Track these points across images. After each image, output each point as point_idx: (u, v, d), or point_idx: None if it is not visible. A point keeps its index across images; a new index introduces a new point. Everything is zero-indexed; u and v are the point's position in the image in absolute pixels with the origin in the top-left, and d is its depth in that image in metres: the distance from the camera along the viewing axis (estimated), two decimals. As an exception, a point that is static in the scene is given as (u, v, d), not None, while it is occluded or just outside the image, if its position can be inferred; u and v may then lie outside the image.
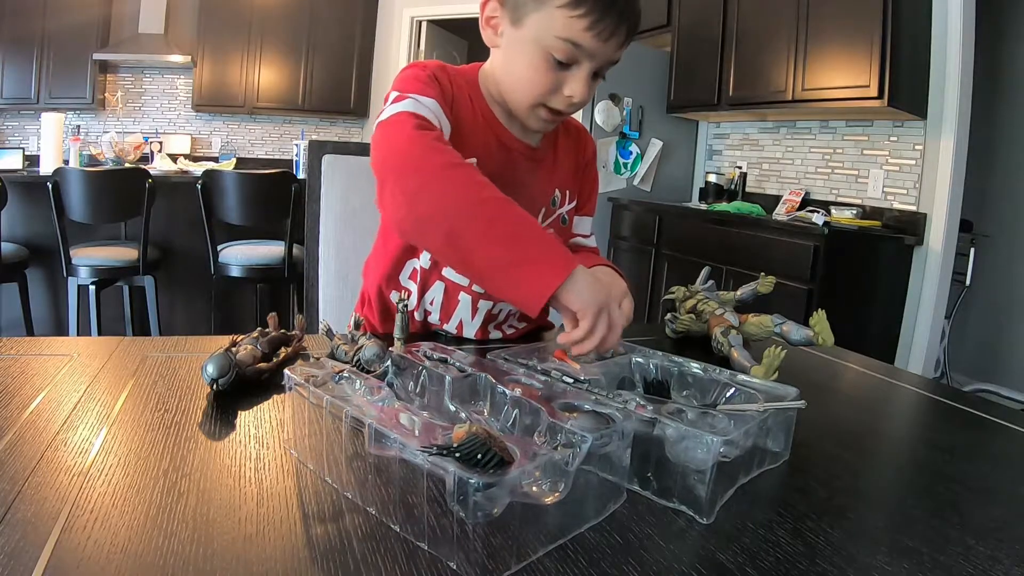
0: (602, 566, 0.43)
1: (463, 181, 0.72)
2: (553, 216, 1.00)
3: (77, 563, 0.39)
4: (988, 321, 3.53)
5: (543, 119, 0.87)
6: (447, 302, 0.95)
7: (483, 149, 0.90)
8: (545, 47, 0.79)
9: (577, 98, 0.83)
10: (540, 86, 0.82)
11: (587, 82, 0.82)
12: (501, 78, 0.89)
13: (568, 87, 0.82)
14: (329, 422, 0.51)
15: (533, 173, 0.96)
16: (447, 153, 0.74)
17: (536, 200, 0.96)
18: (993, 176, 3.49)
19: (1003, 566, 0.46)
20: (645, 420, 0.52)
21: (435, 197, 0.71)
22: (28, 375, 0.70)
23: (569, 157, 1.02)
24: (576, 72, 0.81)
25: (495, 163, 0.91)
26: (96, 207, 2.78)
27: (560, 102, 0.84)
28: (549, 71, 0.81)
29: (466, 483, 0.38)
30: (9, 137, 5.19)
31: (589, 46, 0.78)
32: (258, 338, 0.76)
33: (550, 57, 0.80)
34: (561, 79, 0.82)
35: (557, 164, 1.00)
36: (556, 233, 1.00)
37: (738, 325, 0.92)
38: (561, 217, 1.01)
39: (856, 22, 2.75)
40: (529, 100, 0.85)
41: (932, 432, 0.78)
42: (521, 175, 0.94)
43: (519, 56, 0.83)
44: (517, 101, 0.87)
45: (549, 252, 0.68)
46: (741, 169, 3.73)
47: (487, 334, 0.99)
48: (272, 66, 5.44)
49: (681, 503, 0.51)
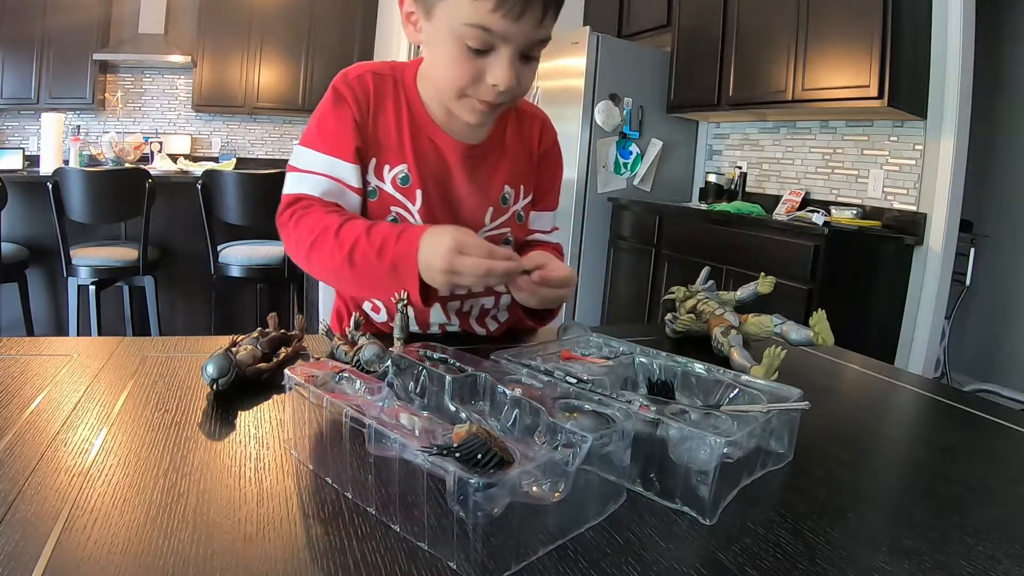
0: (602, 566, 0.43)
1: (321, 257, 0.82)
2: (507, 215, 0.97)
3: (77, 563, 0.39)
4: (988, 321, 3.53)
5: (478, 111, 0.82)
6: (419, 314, 0.96)
7: (416, 154, 0.89)
8: (458, 36, 0.75)
9: (502, 85, 0.77)
10: (460, 77, 0.78)
11: (510, 67, 0.76)
12: (428, 74, 0.88)
13: (491, 75, 0.77)
14: (329, 422, 0.51)
15: (476, 171, 0.93)
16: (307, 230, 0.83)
17: (483, 200, 0.94)
18: (993, 176, 3.49)
19: (1003, 566, 0.46)
20: (648, 420, 0.52)
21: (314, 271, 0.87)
22: (28, 375, 0.70)
23: (521, 149, 0.98)
24: (496, 58, 0.76)
25: (430, 167, 0.90)
26: (96, 207, 2.78)
27: (486, 92, 0.79)
28: (467, 60, 0.77)
29: (466, 483, 0.38)
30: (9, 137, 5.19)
31: (500, 29, 0.74)
32: (258, 338, 0.76)
33: (464, 46, 0.75)
34: (482, 67, 0.77)
35: (506, 158, 0.96)
36: (513, 232, 0.98)
37: (738, 325, 0.92)
38: (516, 215, 0.99)
39: (856, 22, 2.75)
40: (453, 93, 0.81)
41: (932, 432, 0.78)
42: (461, 177, 0.92)
43: (437, 49, 0.80)
44: (445, 95, 0.84)
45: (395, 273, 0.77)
46: (741, 169, 3.73)
47: (471, 328, 1.00)
48: (272, 66, 5.44)
49: (684, 504, 0.51)
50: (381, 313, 0.98)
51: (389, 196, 0.91)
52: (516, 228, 0.99)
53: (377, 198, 0.91)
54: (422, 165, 0.90)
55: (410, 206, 0.92)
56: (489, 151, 0.94)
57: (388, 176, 0.90)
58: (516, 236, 1.00)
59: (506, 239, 0.99)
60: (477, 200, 0.94)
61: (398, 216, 0.92)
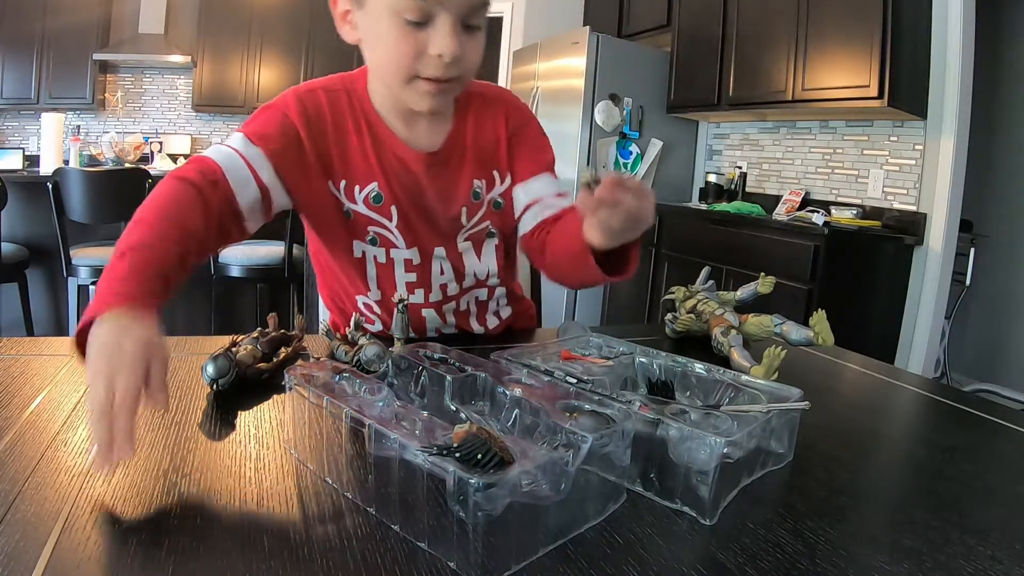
0: (602, 566, 0.43)
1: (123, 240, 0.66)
2: (482, 209, 0.94)
3: (77, 563, 0.39)
4: (988, 321, 3.53)
5: (427, 93, 0.79)
6: (415, 321, 0.95)
7: (377, 169, 0.88)
8: (395, 11, 0.73)
9: (447, 54, 0.74)
10: (403, 55, 0.75)
11: (452, 34, 0.74)
12: (373, 69, 0.85)
13: (433, 46, 0.74)
14: (329, 422, 0.51)
15: (439, 178, 0.91)
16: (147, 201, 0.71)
17: (451, 202, 0.92)
18: (993, 176, 3.49)
19: (1003, 566, 0.46)
20: (649, 421, 0.52)
21: None
22: (28, 375, 0.70)
23: (486, 138, 0.94)
24: (436, 27, 0.74)
25: (400, 181, 0.89)
26: (96, 207, 2.77)
27: (432, 66, 0.76)
28: (408, 35, 0.74)
29: (466, 483, 0.38)
30: (9, 137, 5.18)
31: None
32: (258, 338, 0.76)
33: (402, 20, 0.73)
34: (422, 40, 0.74)
35: (467, 157, 0.93)
36: (495, 222, 0.96)
37: (738, 325, 0.92)
38: (492, 203, 0.95)
39: (856, 22, 2.75)
40: (400, 74, 0.78)
41: (932, 432, 0.78)
42: (430, 186, 0.90)
43: (375, 34, 0.77)
44: (392, 82, 0.80)
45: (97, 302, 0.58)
46: (741, 169, 3.73)
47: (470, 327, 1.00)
48: (272, 66, 5.43)
49: (684, 504, 0.51)
50: (376, 324, 0.98)
51: (364, 216, 0.89)
52: (496, 217, 0.96)
53: (352, 219, 0.89)
54: (392, 181, 0.88)
55: (387, 223, 0.90)
56: (450, 153, 0.91)
57: (360, 197, 0.88)
58: (501, 225, 0.97)
59: (489, 232, 0.96)
60: (448, 204, 0.92)
61: (376, 236, 0.91)
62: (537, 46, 4.01)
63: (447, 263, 0.94)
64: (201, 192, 0.75)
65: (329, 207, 0.89)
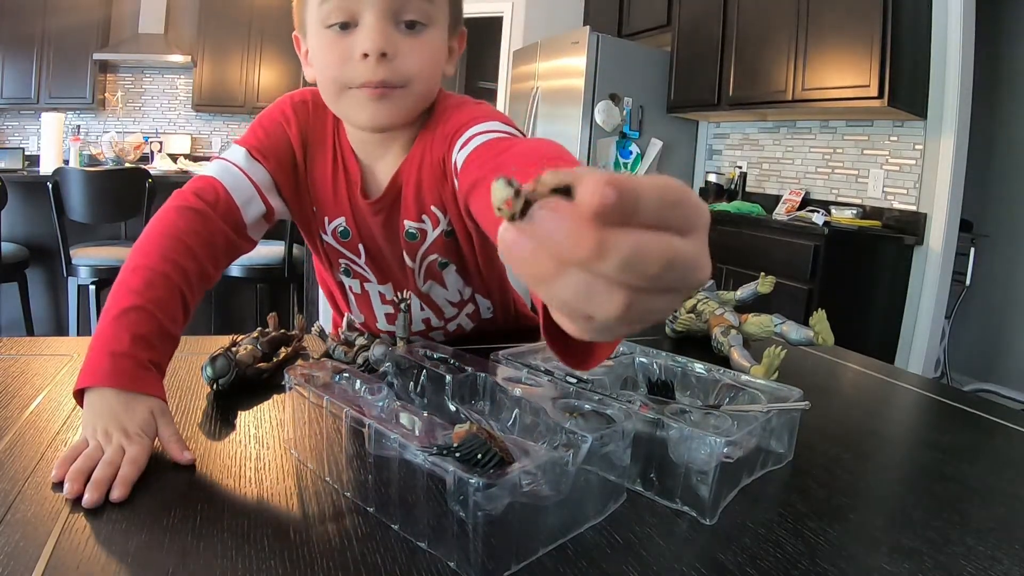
0: (602, 566, 0.43)
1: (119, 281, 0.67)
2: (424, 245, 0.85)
3: (77, 563, 0.39)
4: (988, 321, 3.53)
5: (366, 101, 0.72)
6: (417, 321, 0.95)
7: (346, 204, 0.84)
8: (321, 20, 0.71)
9: (371, 51, 0.69)
10: (330, 63, 0.72)
11: (376, 30, 0.69)
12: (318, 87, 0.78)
13: (358, 45, 0.70)
14: (329, 422, 0.51)
15: (387, 224, 0.85)
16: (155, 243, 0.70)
17: (392, 245, 0.86)
18: (993, 176, 3.49)
19: (1003, 566, 0.46)
20: (649, 420, 0.52)
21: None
22: (28, 375, 0.70)
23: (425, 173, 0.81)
24: (361, 26, 0.70)
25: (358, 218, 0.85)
26: (96, 207, 2.77)
27: (364, 69, 0.70)
28: (334, 42, 0.71)
29: (466, 483, 0.38)
30: (9, 137, 5.19)
31: None
32: (258, 338, 0.76)
33: (329, 30, 0.71)
34: (351, 43, 0.70)
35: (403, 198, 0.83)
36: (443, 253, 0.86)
37: (738, 325, 0.92)
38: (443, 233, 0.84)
39: (856, 22, 2.76)
40: (333, 87, 0.73)
41: (932, 432, 0.78)
42: (379, 230, 0.85)
43: (315, 53, 0.74)
44: (330, 94, 0.75)
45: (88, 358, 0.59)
46: (741, 169, 3.73)
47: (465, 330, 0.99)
48: (272, 66, 5.44)
49: (684, 504, 0.51)
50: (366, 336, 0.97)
51: (335, 250, 0.88)
52: (446, 247, 0.86)
53: (325, 247, 0.88)
54: (358, 218, 0.84)
55: (356, 259, 0.88)
56: (390, 197, 0.83)
57: (329, 228, 0.86)
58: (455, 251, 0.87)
59: (441, 262, 0.88)
60: (392, 247, 0.87)
61: (349, 268, 0.89)
62: (537, 46, 4.01)
63: (422, 301, 0.93)
64: (205, 220, 0.73)
65: (312, 230, 0.88)
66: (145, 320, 0.62)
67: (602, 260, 0.23)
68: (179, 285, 0.67)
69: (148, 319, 0.62)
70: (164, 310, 0.64)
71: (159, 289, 0.65)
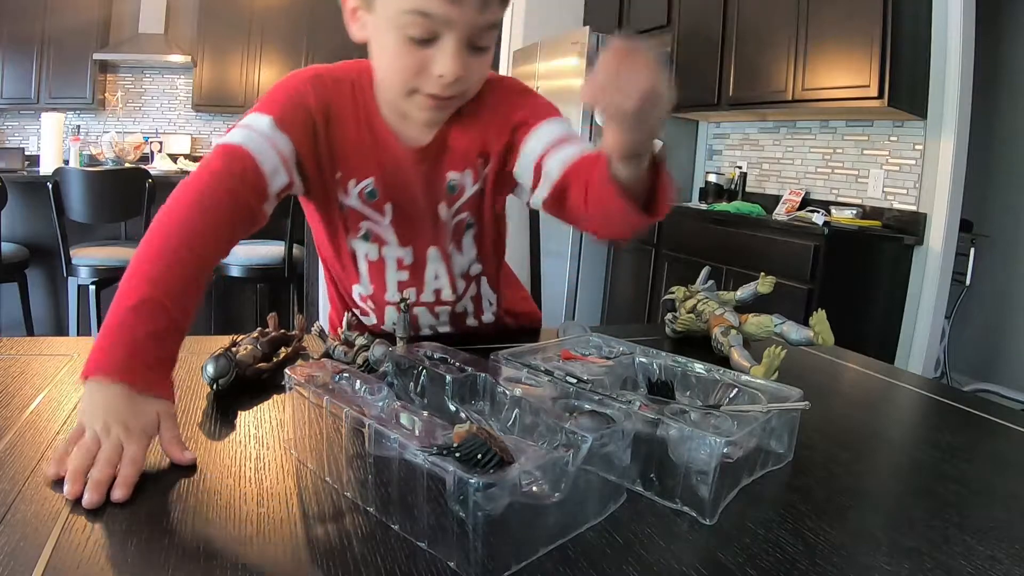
0: (602, 566, 0.43)
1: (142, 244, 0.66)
2: (460, 200, 0.90)
3: (77, 563, 0.39)
4: (988, 321, 3.53)
5: (427, 107, 0.78)
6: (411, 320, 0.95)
7: (374, 164, 0.86)
8: (399, 26, 0.71)
9: (449, 75, 0.73)
10: (404, 70, 0.74)
11: (456, 56, 0.72)
12: (375, 71, 0.82)
13: (436, 65, 0.73)
14: (329, 422, 0.51)
15: (432, 173, 0.89)
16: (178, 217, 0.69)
17: (433, 198, 0.90)
18: (993, 176, 3.49)
19: (1003, 566, 0.46)
20: (649, 421, 0.52)
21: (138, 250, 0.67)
22: (28, 375, 0.70)
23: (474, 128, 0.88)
24: (440, 47, 0.72)
25: (393, 177, 0.87)
26: (96, 207, 2.77)
27: (433, 84, 0.75)
28: (410, 52, 0.73)
29: (466, 483, 0.38)
30: (9, 137, 5.18)
31: (440, 13, 0.69)
32: (258, 338, 0.76)
33: (405, 36, 0.72)
34: (427, 58, 0.73)
35: (449, 151, 0.88)
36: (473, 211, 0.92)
37: (738, 325, 0.92)
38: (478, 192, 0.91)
39: (856, 22, 2.75)
40: (400, 88, 0.77)
41: (932, 432, 0.78)
42: (418, 183, 0.89)
43: (380, 43, 0.76)
44: (392, 93, 0.80)
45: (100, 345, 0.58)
46: (741, 169, 3.73)
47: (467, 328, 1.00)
48: (272, 66, 5.43)
49: (684, 504, 0.51)
50: (370, 316, 0.98)
51: (356, 212, 0.88)
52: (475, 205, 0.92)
53: (345, 212, 0.89)
54: (387, 177, 0.87)
55: (380, 220, 0.89)
56: (437, 147, 0.88)
57: (354, 191, 0.87)
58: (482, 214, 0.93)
59: (468, 223, 0.93)
60: (429, 200, 0.90)
61: (369, 232, 0.90)
62: (537, 46, 4.01)
63: (442, 266, 0.94)
64: (233, 194, 0.73)
65: (329, 198, 0.89)
66: (161, 315, 0.61)
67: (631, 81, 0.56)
68: (195, 274, 0.66)
69: (163, 314, 0.61)
70: (178, 304, 0.63)
71: (176, 280, 0.64)
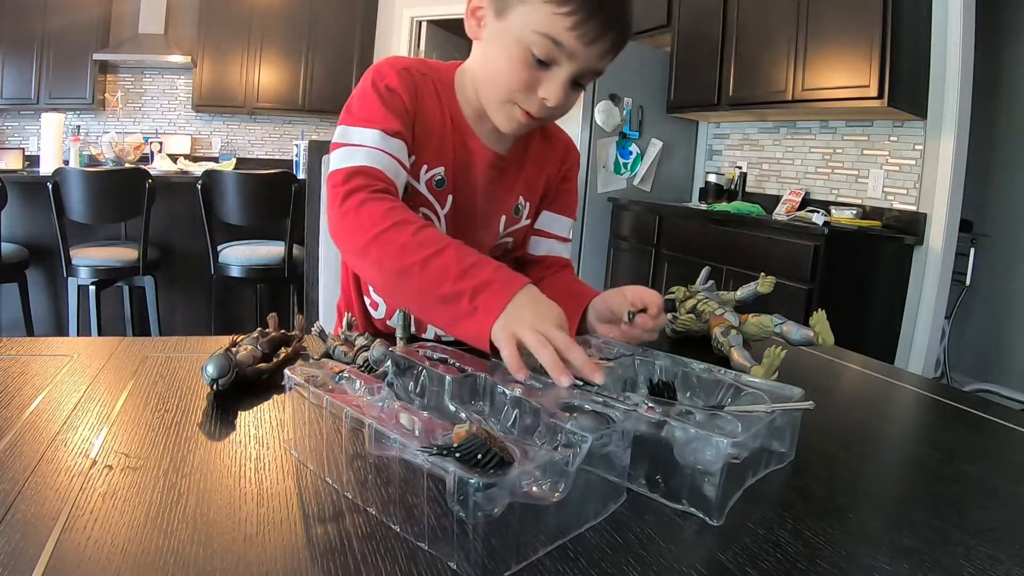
0: (602, 566, 0.43)
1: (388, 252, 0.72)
2: (517, 224, 0.99)
3: (77, 563, 0.39)
4: (988, 321, 3.53)
5: (516, 120, 0.83)
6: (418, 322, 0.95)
7: (450, 155, 0.89)
8: (525, 42, 0.76)
9: (552, 101, 0.79)
10: (515, 82, 0.79)
11: (564, 86, 0.78)
12: (478, 72, 0.86)
13: (544, 88, 0.78)
14: (329, 422, 0.51)
15: (497, 181, 0.94)
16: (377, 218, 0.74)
17: (498, 209, 0.95)
18: (993, 176, 3.49)
19: (1003, 566, 0.46)
20: (653, 422, 0.52)
21: (366, 262, 0.74)
22: (28, 375, 0.70)
23: (542, 165, 0.99)
24: (554, 74, 0.77)
25: (460, 169, 0.91)
26: (96, 207, 2.78)
27: (533, 104, 0.80)
28: (526, 68, 0.77)
29: (466, 483, 0.38)
30: (9, 137, 5.19)
31: (570, 46, 0.75)
32: (258, 338, 0.76)
33: (529, 53, 0.76)
34: (537, 78, 0.78)
35: (523, 172, 0.97)
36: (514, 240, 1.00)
37: (738, 325, 0.92)
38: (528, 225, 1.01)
39: (856, 22, 2.76)
40: (502, 96, 0.81)
41: (932, 432, 0.78)
42: (484, 182, 0.93)
43: (498, 49, 0.79)
44: (490, 96, 0.84)
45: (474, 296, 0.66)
46: (741, 169, 3.73)
47: None
48: (272, 66, 5.43)
49: (690, 505, 0.51)
50: (380, 309, 0.98)
51: (421, 196, 0.91)
52: (516, 237, 1.01)
53: (409, 194, 0.90)
54: (458, 170, 0.91)
55: (439, 209, 0.92)
56: (512, 161, 0.95)
57: (424, 176, 0.90)
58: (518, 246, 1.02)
59: (506, 248, 1.00)
60: (493, 208, 0.94)
61: (426, 215, 0.92)
62: (537, 46, 4.00)
63: None
64: (391, 198, 0.79)
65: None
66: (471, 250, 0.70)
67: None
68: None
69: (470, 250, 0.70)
70: None
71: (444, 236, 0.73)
